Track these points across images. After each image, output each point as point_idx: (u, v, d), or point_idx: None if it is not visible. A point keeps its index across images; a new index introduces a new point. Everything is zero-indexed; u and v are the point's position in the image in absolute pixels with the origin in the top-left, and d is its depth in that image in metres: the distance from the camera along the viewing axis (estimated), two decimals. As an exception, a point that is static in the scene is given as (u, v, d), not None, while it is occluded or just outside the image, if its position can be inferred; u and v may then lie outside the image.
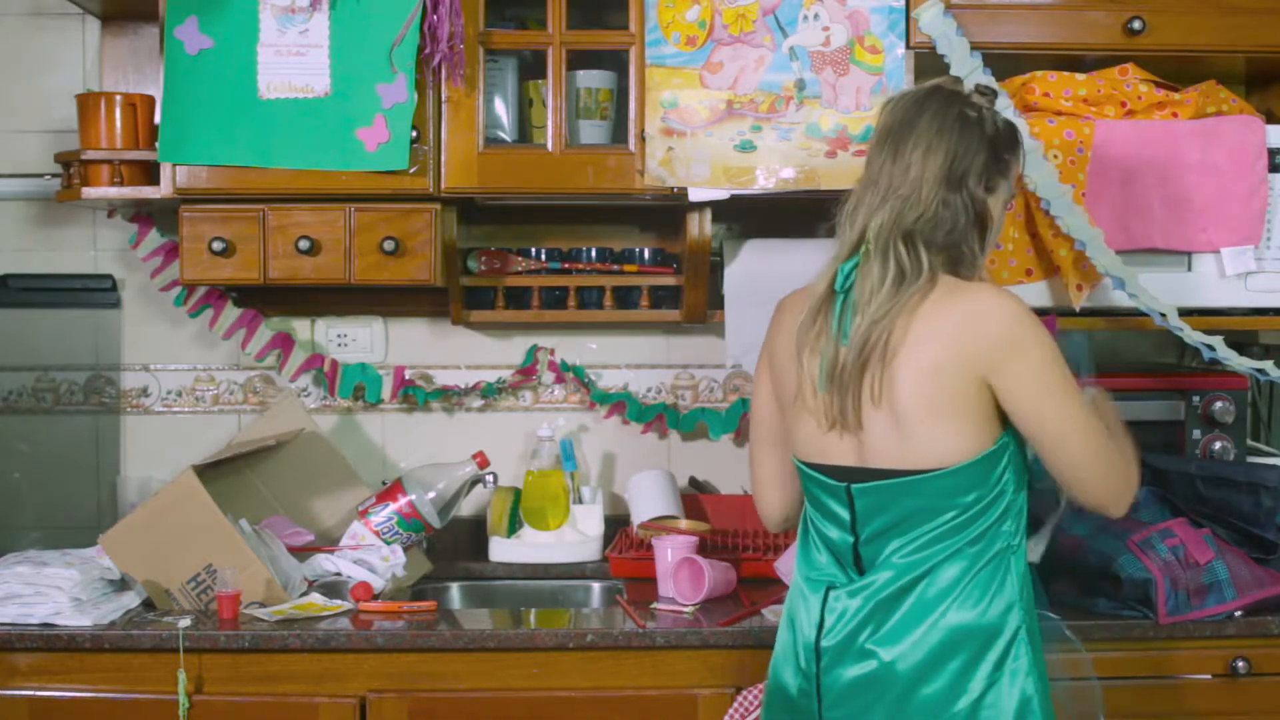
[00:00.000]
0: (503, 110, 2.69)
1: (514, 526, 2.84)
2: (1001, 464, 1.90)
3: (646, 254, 2.86)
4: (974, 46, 2.54)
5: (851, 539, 1.94)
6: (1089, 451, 1.89)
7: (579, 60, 2.64)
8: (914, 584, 1.89)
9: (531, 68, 2.71)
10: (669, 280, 2.80)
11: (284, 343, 2.93)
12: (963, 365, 1.85)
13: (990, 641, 1.88)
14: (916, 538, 1.89)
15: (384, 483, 2.75)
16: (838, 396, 1.90)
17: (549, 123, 2.59)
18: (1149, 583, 2.29)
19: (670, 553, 2.52)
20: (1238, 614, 2.32)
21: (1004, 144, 1.97)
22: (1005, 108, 2.49)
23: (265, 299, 2.93)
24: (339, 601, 2.41)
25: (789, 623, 2.01)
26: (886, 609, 1.89)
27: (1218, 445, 2.64)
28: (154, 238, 2.89)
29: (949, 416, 1.86)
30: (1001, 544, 1.91)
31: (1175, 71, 2.63)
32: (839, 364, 1.89)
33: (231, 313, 2.90)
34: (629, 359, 3.00)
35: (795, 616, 1.99)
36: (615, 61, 2.65)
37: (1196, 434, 2.63)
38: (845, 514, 1.94)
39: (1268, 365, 2.49)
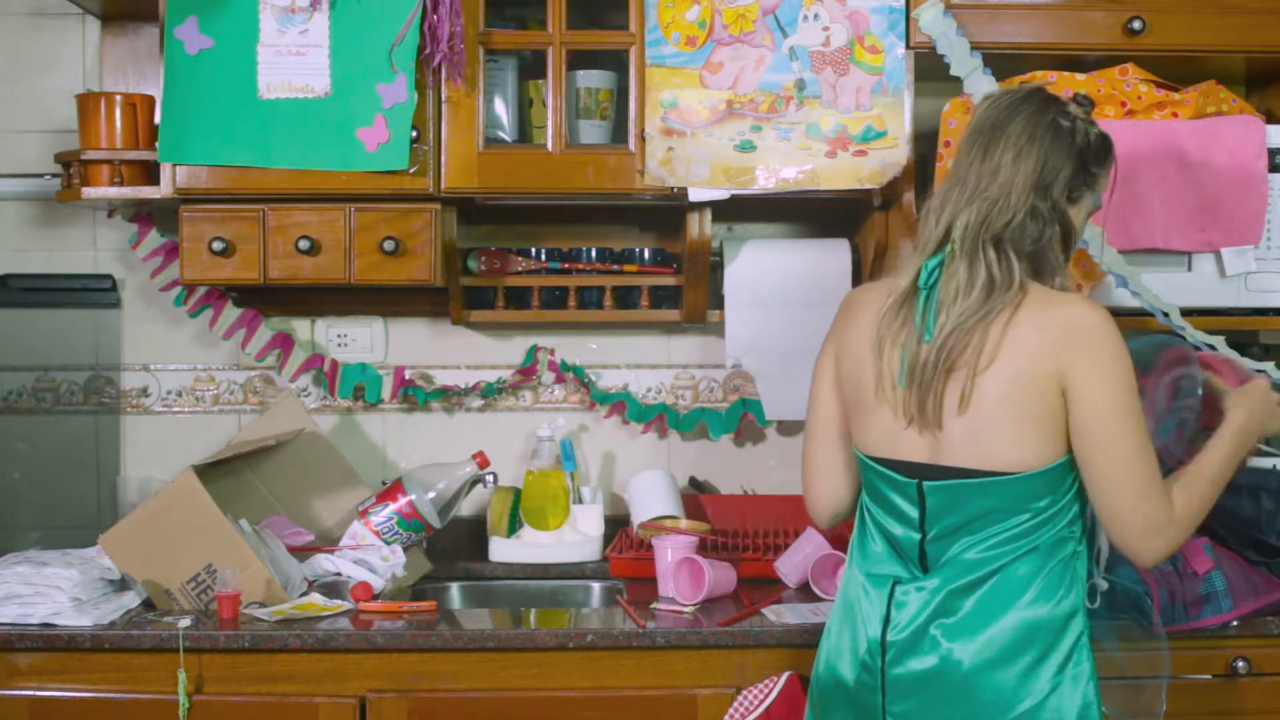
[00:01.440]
0: (503, 110, 2.69)
1: (514, 526, 2.84)
2: (1075, 472, 1.91)
3: (646, 254, 2.86)
4: (974, 46, 2.54)
5: (919, 536, 1.94)
6: (1136, 489, 1.86)
7: (579, 60, 2.64)
8: (984, 579, 1.89)
9: (531, 68, 2.71)
10: (669, 280, 2.80)
11: (284, 343, 2.93)
12: (1048, 372, 1.86)
13: (1058, 640, 1.89)
14: (986, 538, 1.90)
15: (384, 483, 2.75)
16: (917, 393, 1.90)
17: (549, 123, 2.59)
18: (1144, 594, 2.29)
19: (670, 553, 2.52)
20: (1234, 624, 2.32)
21: (1094, 156, 1.98)
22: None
23: (265, 299, 2.93)
24: (339, 601, 2.41)
25: (847, 618, 2.01)
26: (956, 602, 1.90)
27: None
28: (154, 238, 2.89)
29: (1031, 423, 1.87)
30: (1069, 549, 1.92)
31: (1175, 71, 2.62)
32: (920, 361, 1.89)
33: (231, 313, 2.90)
34: (629, 359, 3.00)
35: (855, 611, 1.99)
36: (615, 61, 2.65)
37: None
38: (914, 511, 1.94)
39: (1269, 366, 2.49)
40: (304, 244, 2.55)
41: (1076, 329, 1.86)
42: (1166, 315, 2.47)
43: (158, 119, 2.56)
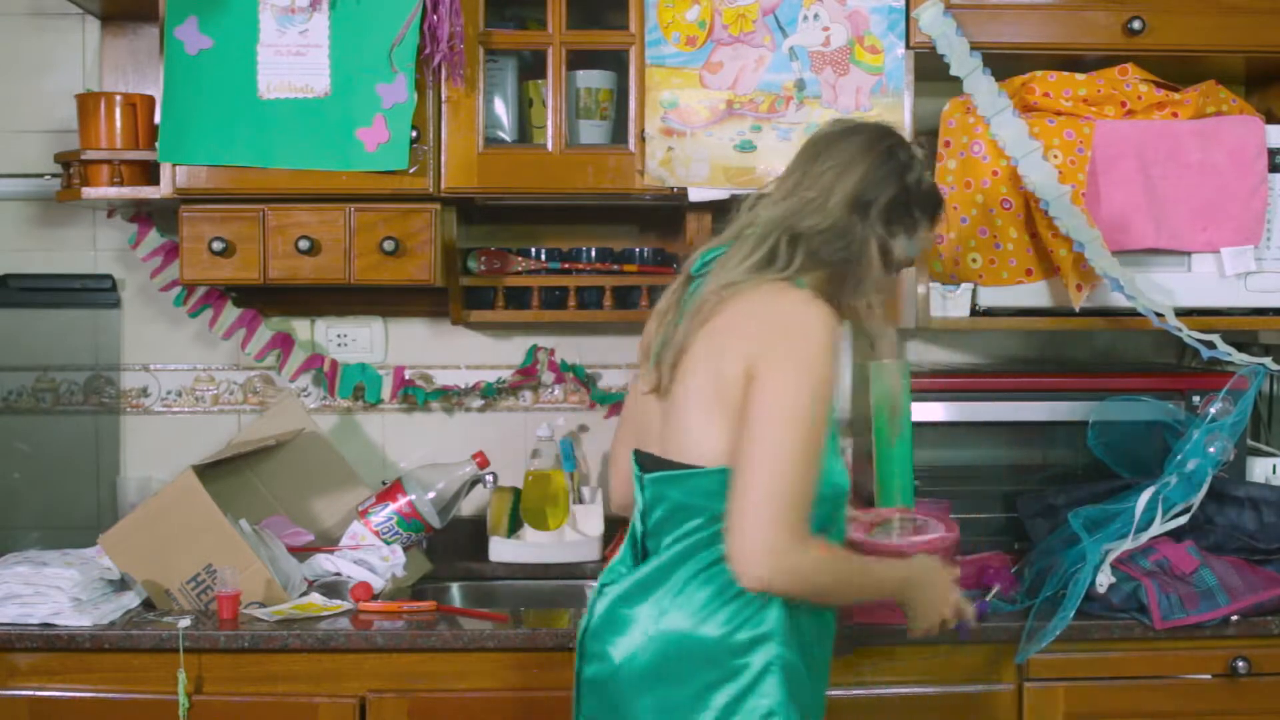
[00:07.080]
0: (503, 110, 2.69)
1: (514, 526, 2.84)
2: None
3: (646, 254, 2.86)
4: (974, 46, 2.54)
5: (642, 529, 1.96)
6: (768, 494, 1.72)
7: (579, 60, 2.64)
8: (656, 583, 1.87)
9: (531, 68, 2.71)
10: (669, 280, 2.79)
11: (284, 343, 2.93)
12: (742, 357, 1.79)
13: (734, 668, 1.80)
14: (680, 537, 1.87)
15: (384, 483, 2.75)
16: (668, 359, 1.92)
17: (549, 123, 2.59)
18: (1139, 589, 2.29)
19: (670, 553, 2.52)
20: (1234, 619, 2.32)
21: (920, 199, 1.92)
22: (1005, 108, 2.49)
23: (265, 299, 2.93)
24: (339, 601, 2.41)
25: None
26: (626, 608, 1.89)
27: (1217, 444, 2.63)
28: (154, 238, 2.89)
29: (717, 409, 1.82)
30: None
31: (1175, 71, 2.63)
32: (672, 335, 1.92)
33: (231, 313, 2.90)
34: (629, 359, 3.00)
35: None
36: (615, 61, 2.66)
37: (1196, 434, 2.63)
38: (642, 503, 1.96)
39: (1267, 361, 2.49)
40: (304, 244, 2.55)
41: (786, 321, 1.79)
42: (1161, 317, 2.47)
43: (158, 119, 2.56)
